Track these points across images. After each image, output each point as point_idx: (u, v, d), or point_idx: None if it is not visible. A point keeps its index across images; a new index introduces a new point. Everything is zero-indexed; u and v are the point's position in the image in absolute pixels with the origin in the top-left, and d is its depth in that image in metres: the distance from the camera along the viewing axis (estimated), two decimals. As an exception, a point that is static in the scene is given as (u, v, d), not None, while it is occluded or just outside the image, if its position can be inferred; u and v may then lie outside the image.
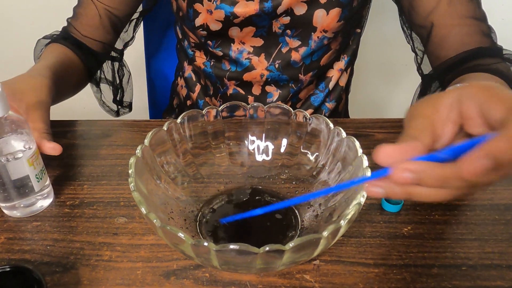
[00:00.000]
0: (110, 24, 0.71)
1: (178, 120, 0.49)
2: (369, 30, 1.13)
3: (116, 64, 0.79)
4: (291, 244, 0.34)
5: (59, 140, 0.62)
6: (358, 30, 0.75)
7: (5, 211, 0.49)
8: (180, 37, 0.77)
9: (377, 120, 0.65)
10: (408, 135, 0.32)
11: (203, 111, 0.50)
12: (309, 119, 0.50)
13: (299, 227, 0.46)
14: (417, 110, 0.34)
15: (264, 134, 0.53)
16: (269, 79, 0.71)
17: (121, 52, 0.79)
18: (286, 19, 0.65)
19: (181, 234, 0.34)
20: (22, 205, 0.49)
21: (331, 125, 0.48)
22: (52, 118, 0.67)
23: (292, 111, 0.51)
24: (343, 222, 0.35)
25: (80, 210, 0.50)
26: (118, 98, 0.80)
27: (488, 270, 0.42)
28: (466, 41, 0.59)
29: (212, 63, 0.72)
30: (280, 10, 0.63)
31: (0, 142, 0.44)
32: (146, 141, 0.45)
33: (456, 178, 0.28)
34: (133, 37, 0.79)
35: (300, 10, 0.63)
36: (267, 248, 0.33)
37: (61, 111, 0.73)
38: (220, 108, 0.51)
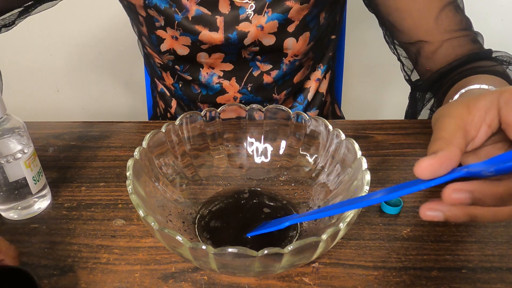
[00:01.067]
0: None
1: (177, 122, 0.49)
2: (363, 31, 1.13)
3: None
4: (289, 248, 0.33)
5: (57, 141, 0.62)
6: (333, 37, 0.73)
7: (2, 213, 0.49)
8: (147, 52, 0.72)
9: (376, 122, 0.65)
10: (440, 138, 0.30)
11: (202, 113, 0.50)
12: (308, 121, 0.49)
13: (298, 230, 0.46)
14: (447, 110, 0.32)
15: (262, 136, 0.53)
16: (243, 101, 0.69)
17: None
18: (255, 48, 0.63)
19: (179, 237, 0.34)
20: (19, 207, 0.48)
21: (330, 127, 0.48)
22: (50, 119, 0.67)
23: (291, 112, 0.50)
24: (342, 225, 0.35)
25: (78, 212, 0.50)
26: None
27: (488, 272, 0.42)
28: (459, 52, 0.58)
29: (180, 85, 0.69)
30: (247, 41, 0.61)
31: (-3, 144, 0.44)
32: (144, 143, 0.45)
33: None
34: (13, 23, 0.63)
35: (269, 41, 0.62)
36: (266, 252, 0.33)
37: (60, 111, 0.72)
38: (218, 110, 0.51)
